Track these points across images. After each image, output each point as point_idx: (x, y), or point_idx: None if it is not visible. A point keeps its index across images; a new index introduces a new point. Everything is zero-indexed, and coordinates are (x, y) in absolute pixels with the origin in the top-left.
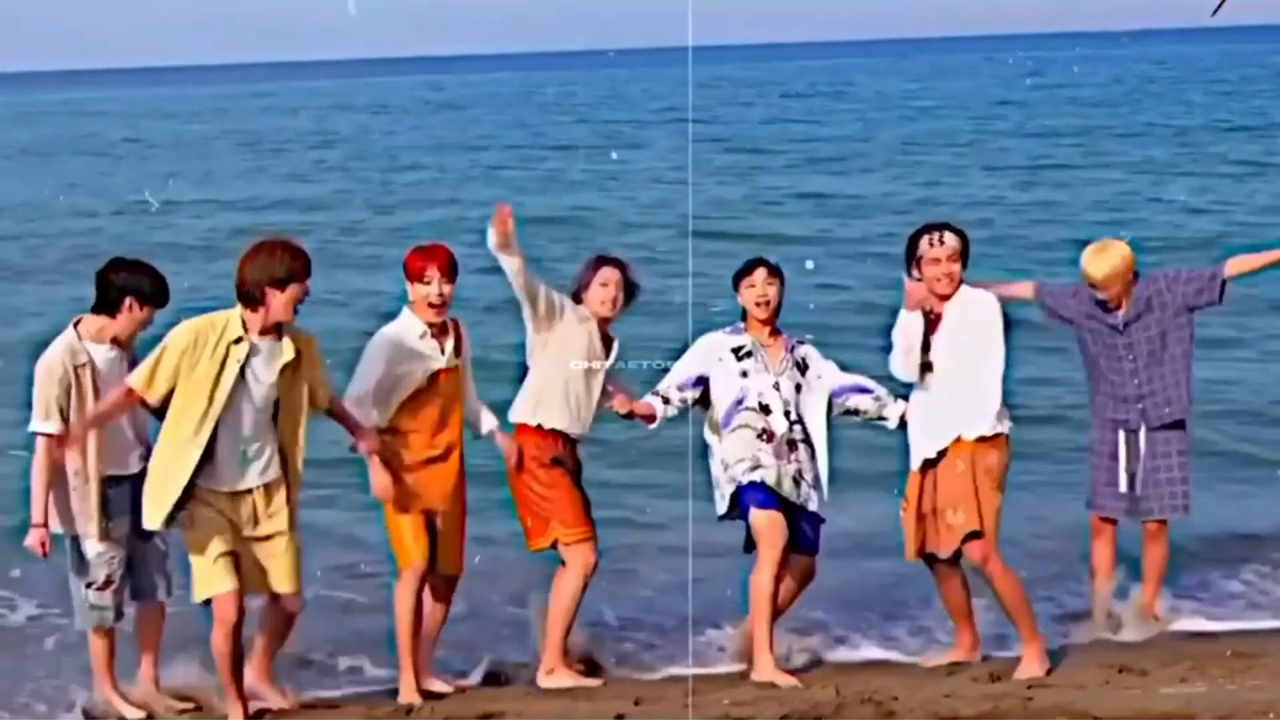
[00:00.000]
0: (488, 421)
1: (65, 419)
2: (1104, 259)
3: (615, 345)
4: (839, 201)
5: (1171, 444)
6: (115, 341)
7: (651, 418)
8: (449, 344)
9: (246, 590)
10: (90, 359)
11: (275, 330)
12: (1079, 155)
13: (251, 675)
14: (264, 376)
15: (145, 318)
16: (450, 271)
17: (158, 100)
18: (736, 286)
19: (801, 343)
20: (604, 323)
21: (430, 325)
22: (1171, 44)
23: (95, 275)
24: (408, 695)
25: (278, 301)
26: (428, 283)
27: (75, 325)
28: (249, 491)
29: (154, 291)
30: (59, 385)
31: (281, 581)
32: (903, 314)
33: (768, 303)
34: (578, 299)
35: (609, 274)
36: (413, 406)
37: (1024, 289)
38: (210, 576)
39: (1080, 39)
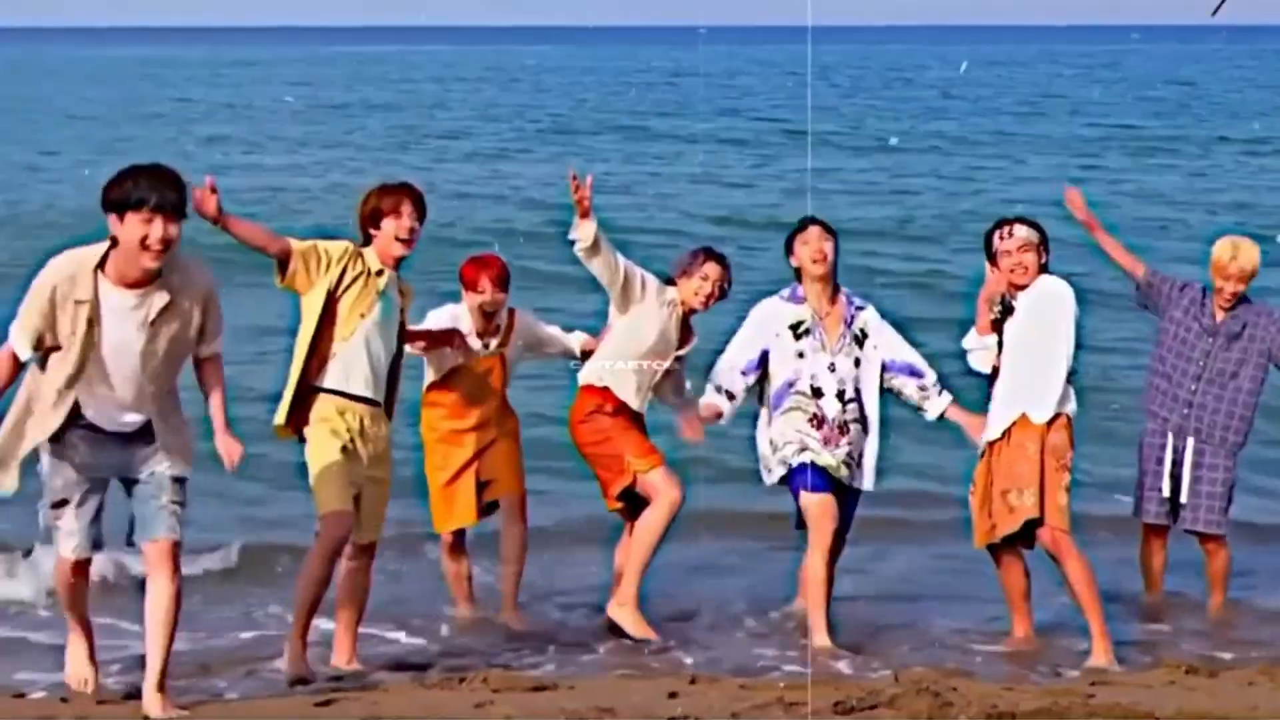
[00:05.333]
0: (575, 340)
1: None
2: (1244, 253)
3: (693, 340)
4: None
5: (1218, 459)
6: (133, 284)
7: (719, 417)
8: (493, 341)
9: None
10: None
11: (396, 273)
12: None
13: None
14: (394, 312)
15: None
16: (502, 281)
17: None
18: (790, 249)
19: (862, 308)
20: (689, 312)
21: (481, 329)
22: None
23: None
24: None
25: (385, 232)
26: (481, 291)
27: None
28: (375, 422)
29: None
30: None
31: (368, 528)
32: (980, 303)
33: (825, 258)
34: (671, 282)
35: (712, 269)
36: (451, 381)
37: (1136, 266)
38: (329, 489)
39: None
